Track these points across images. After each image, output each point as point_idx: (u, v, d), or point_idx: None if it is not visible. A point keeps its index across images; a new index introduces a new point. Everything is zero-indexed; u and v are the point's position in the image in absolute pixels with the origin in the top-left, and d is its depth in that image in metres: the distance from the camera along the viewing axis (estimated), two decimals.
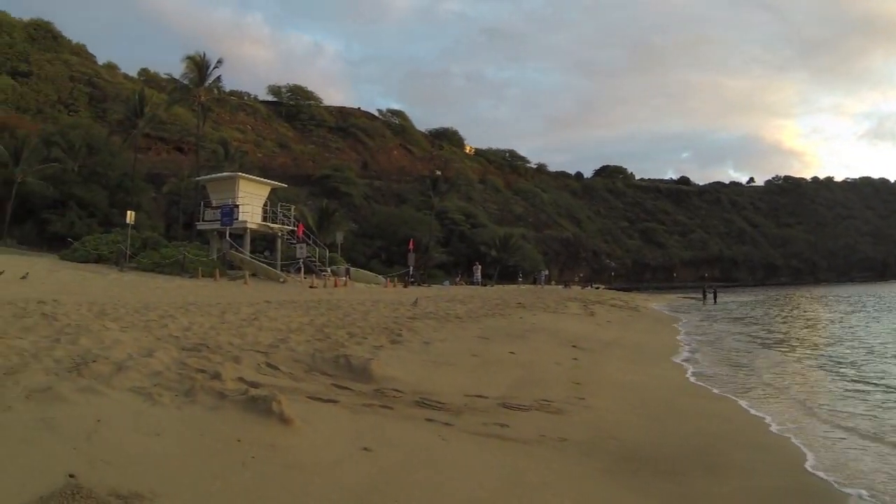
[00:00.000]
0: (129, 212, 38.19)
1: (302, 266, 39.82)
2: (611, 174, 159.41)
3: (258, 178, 46.62)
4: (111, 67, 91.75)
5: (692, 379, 11.43)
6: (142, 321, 11.14)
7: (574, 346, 13.39)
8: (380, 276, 46.59)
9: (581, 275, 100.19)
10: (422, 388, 7.32)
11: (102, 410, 4.95)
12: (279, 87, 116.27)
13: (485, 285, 59.86)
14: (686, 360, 14.15)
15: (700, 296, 63.36)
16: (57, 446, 4.18)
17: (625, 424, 6.14)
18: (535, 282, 72.28)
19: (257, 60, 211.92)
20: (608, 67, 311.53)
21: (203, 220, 42.78)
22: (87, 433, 4.43)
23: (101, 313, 11.82)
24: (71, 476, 3.73)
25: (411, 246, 54.81)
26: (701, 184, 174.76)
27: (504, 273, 76.75)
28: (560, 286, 70.78)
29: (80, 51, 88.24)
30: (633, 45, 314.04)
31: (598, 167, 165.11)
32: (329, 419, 5.17)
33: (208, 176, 47.24)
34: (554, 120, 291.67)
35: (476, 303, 24.46)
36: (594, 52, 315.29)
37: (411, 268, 52.52)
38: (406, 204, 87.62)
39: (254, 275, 35.44)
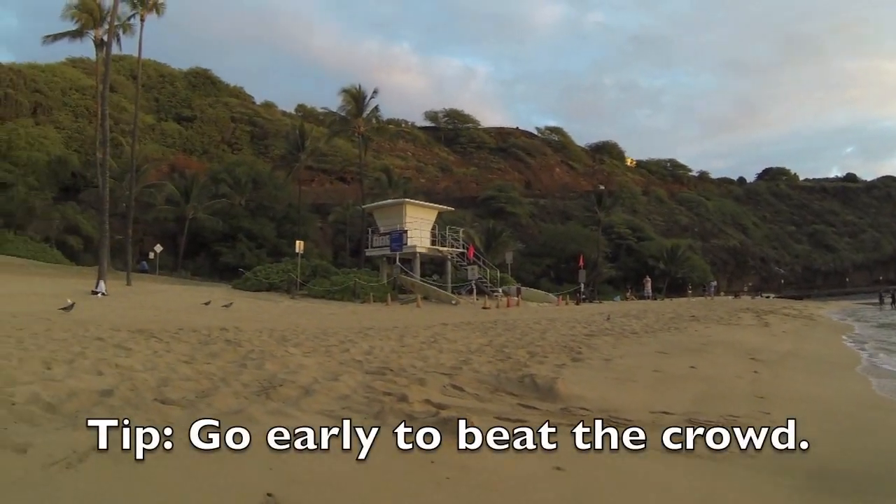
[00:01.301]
0: (298, 242, 40.08)
1: (474, 287, 40.15)
2: (774, 176, 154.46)
3: (424, 203, 47.62)
4: (269, 106, 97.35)
5: (878, 391, 10.43)
6: (322, 346, 11.45)
7: (752, 359, 12.64)
8: (550, 295, 46.19)
9: (750, 284, 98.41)
10: (607, 405, 7.06)
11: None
12: (436, 113, 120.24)
13: (654, 299, 58.60)
14: (868, 371, 12.96)
15: (877, 301, 59.59)
16: (253, 466, 4.27)
17: (812, 440, 5.64)
18: (704, 293, 70.27)
19: (410, 88, 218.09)
20: (760, 63, 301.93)
21: (372, 247, 44.28)
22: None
23: (282, 339, 12.29)
24: (269, 495, 3.77)
25: (581, 263, 54.19)
26: (868, 179, 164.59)
27: (673, 286, 75.77)
28: (730, 297, 69.54)
29: (239, 93, 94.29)
30: (783, 36, 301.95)
31: (759, 170, 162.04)
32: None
33: (375, 203, 48.92)
34: (711, 124, 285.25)
35: (650, 317, 23.91)
36: (744, 48, 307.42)
37: (582, 284, 51.83)
38: (571, 220, 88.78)
39: (425, 298, 36.04)
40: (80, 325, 13.02)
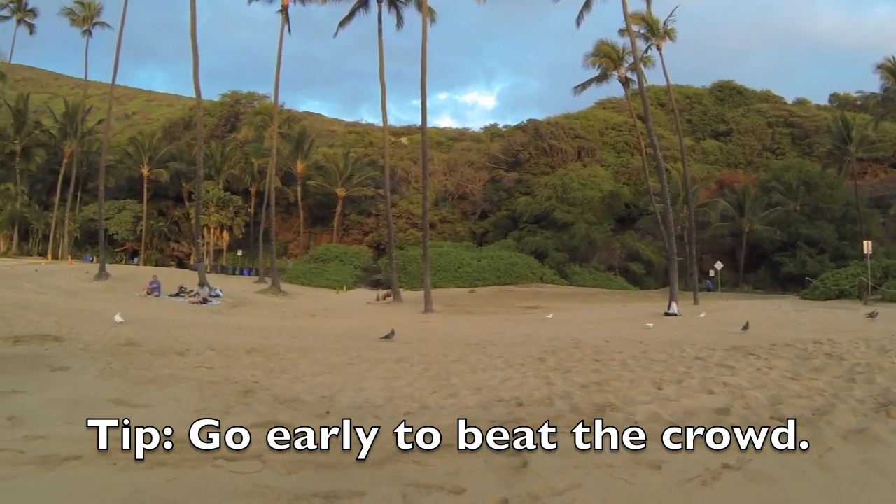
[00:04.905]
0: (865, 242, 37.72)
1: None
2: None
3: None
4: (802, 102, 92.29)
5: None
6: None
7: None
8: None
9: None
10: None
11: None
12: None
13: None
14: None
15: None
16: (889, 490, 4.30)
17: None
18: None
19: None
20: None
21: None
22: None
23: (881, 350, 11.39)
24: None
25: None
26: None
27: None
28: None
29: (768, 96, 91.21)
30: None
31: None
32: None
33: None
34: None
35: None
36: None
37: None
38: None
39: None
40: (673, 346, 13.74)
